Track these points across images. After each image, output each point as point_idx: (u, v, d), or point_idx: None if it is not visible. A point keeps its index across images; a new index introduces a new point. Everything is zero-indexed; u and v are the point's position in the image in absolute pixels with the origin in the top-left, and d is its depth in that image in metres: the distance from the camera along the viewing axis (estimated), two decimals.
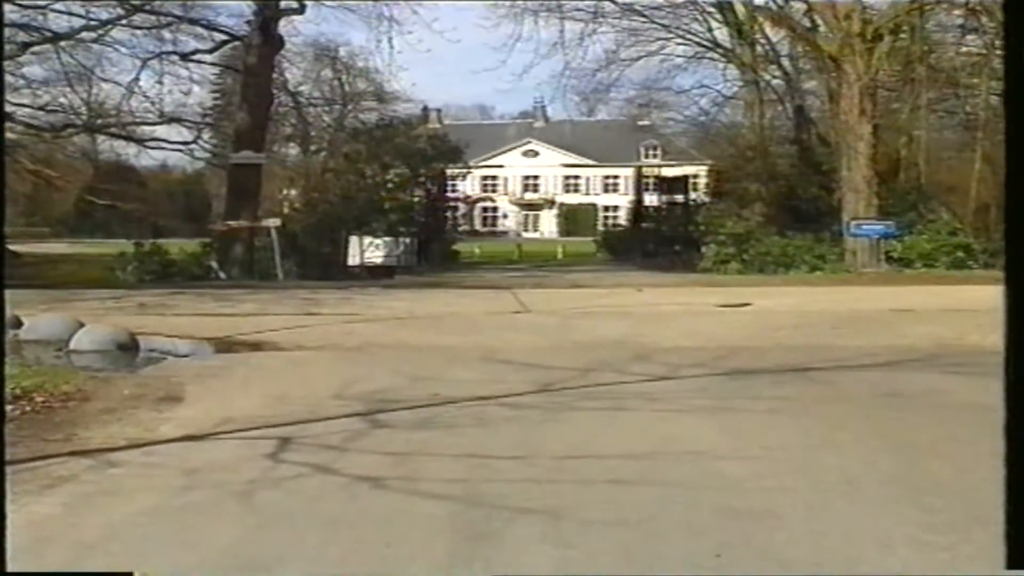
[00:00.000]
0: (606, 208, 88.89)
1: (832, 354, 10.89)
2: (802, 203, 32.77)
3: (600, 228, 77.52)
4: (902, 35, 28.25)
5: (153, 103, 33.45)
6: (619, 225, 61.46)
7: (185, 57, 32.11)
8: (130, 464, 6.28)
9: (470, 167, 54.45)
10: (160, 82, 32.54)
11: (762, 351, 11.41)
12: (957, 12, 29.24)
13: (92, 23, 30.00)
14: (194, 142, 36.85)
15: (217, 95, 48.78)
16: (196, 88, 35.97)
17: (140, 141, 36.73)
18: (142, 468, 6.19)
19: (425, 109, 63.74)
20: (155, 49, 31.85)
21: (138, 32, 31.38)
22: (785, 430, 7.15)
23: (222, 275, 26.18)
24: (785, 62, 37.90)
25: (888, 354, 10.84)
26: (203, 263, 27.26)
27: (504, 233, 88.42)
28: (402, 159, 35.93)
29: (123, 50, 32.09)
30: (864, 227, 25.97)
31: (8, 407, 7.45)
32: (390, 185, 35.87)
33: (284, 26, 30.72)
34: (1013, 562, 2.48)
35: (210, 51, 32.82)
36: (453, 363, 10.59)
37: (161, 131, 35.75)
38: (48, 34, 29.39)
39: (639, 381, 9.33)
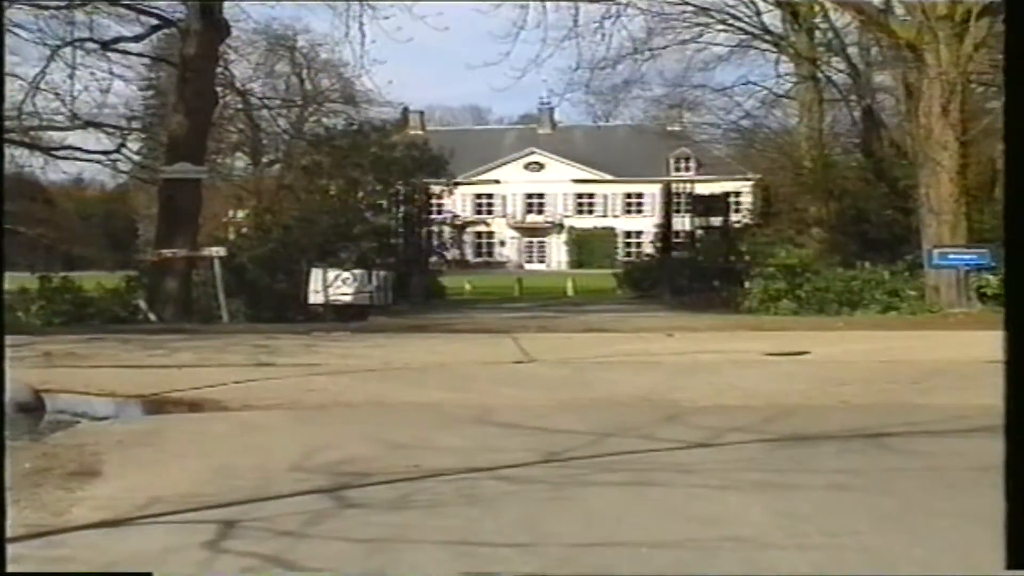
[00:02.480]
0: (627, 233, 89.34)
1: (912, 416, 10.85)
2: (872, 227, 32.91)
3: (620, 258, 77.77)
4: (1001, 15, 28.23)
5: (64, 102, 33.39)
6: (644, 254, 61.65)
7: (106, 46, 32.16)
8: (28, 559, 6.20)
9: (459, 182, 54.67)
10: (73, 77, 32.47)
11: (823, 411, 11.38)
12: None
13: None
14: (117, 151, 36.96)
15: (146, 94, 48.99)
16: (120, 85, 36.13)
17: (48, 150, 36.78)
18: (44, 564, 6.12)
19: (405, 111, 64.16)
20: (66, 35, 31.71)
21: (44, 14, 31.27)
22: (853, 512, 7.11)
23: (152, 317, 26.19)
24: (852, 52, 38.08)
25: (982, 416, 10.73)
26: (128, 302, 27.28)
27: (502, 264, 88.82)
28: (376, 173, 36.05)
29: (24, 36, 31.91)
30: (950, 256, 25.93)
31: None
32: (361, 205, 35.97)
33: (230, 8, 30.92)
34: (1013, 562, 2.58)
35: (137, 39, 32.89)
36: (439, 426, 10.56)
37: (75, 138, 35.81)
38: None
39: (670, 449, 9.29)
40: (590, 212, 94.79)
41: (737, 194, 49.49)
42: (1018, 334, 2.47)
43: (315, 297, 30.53)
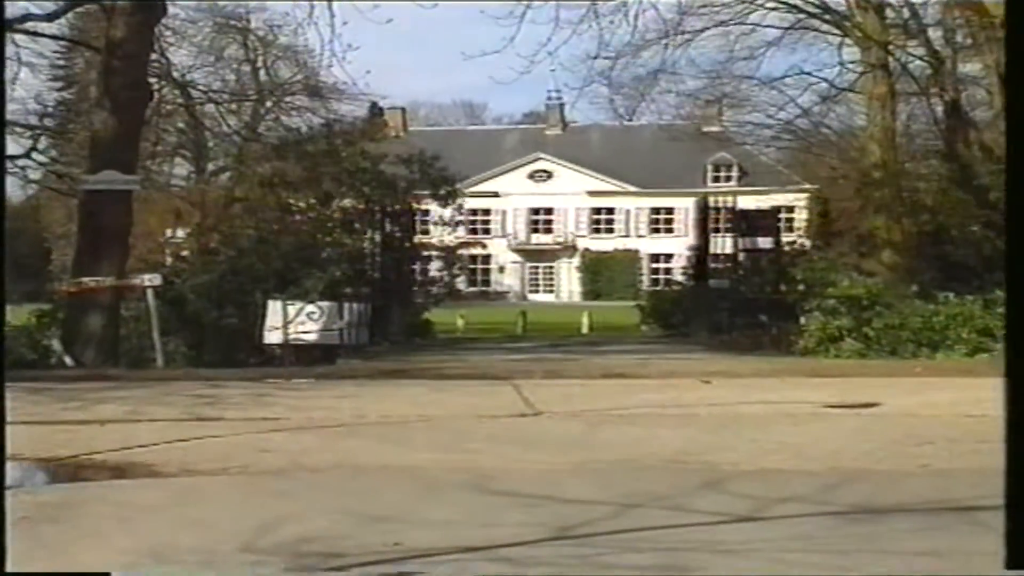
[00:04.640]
0: (654, 257, 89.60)
1: None
2: (957, 248, 32.88)
3: (645, 287, 77.93)
4: None
5: None
6: (674, 282, 61.82)
7: (11, 27, 32.17)
8: None
9: (453, 190, 54.63)
10: None
11: (898, 478, 11.34)
12: None
13: None
14: (26, 156, 36.99)
15: (63, 86, 49.18)
16: (28, 75, 36.06)
17: None
18: None
19: (374, 108, 64.15)
20: None
21: None
22: None
23: (68, 360, 26.15)
24: (933, 35, 38.12)
25: None
26: (39, 342, 27.24)
27: (501, 295, 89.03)
28: (349, 185, 36.12)
29: None
30: None
31: None
32: (330, 224, 36.03)
33: None
34: (1013, 562, 3.52)
35: (50, 17, 32.96)
36: (424, 495, 10.53)
37: None
38: None
39: (707, 523, 9.25)
40: (609, 231, 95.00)
41: (789, 209, 49.71)
42: (1016, 329, 2.59)
43: (272, 335, 30.48)
